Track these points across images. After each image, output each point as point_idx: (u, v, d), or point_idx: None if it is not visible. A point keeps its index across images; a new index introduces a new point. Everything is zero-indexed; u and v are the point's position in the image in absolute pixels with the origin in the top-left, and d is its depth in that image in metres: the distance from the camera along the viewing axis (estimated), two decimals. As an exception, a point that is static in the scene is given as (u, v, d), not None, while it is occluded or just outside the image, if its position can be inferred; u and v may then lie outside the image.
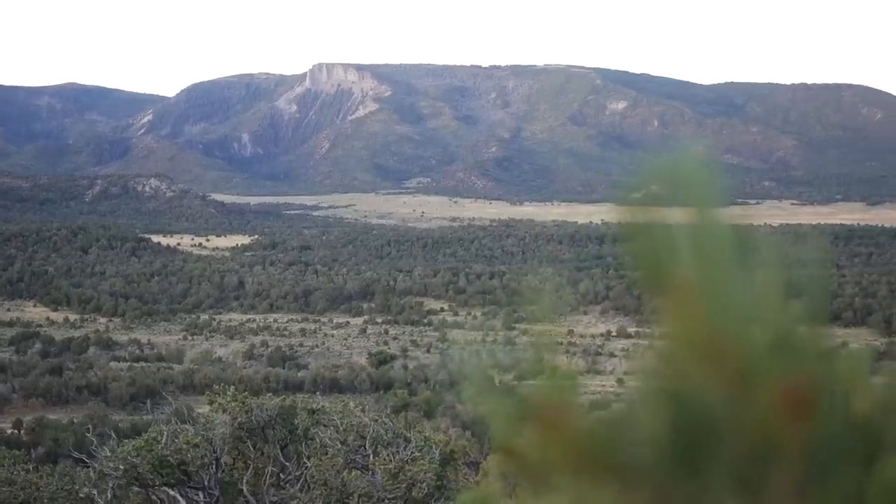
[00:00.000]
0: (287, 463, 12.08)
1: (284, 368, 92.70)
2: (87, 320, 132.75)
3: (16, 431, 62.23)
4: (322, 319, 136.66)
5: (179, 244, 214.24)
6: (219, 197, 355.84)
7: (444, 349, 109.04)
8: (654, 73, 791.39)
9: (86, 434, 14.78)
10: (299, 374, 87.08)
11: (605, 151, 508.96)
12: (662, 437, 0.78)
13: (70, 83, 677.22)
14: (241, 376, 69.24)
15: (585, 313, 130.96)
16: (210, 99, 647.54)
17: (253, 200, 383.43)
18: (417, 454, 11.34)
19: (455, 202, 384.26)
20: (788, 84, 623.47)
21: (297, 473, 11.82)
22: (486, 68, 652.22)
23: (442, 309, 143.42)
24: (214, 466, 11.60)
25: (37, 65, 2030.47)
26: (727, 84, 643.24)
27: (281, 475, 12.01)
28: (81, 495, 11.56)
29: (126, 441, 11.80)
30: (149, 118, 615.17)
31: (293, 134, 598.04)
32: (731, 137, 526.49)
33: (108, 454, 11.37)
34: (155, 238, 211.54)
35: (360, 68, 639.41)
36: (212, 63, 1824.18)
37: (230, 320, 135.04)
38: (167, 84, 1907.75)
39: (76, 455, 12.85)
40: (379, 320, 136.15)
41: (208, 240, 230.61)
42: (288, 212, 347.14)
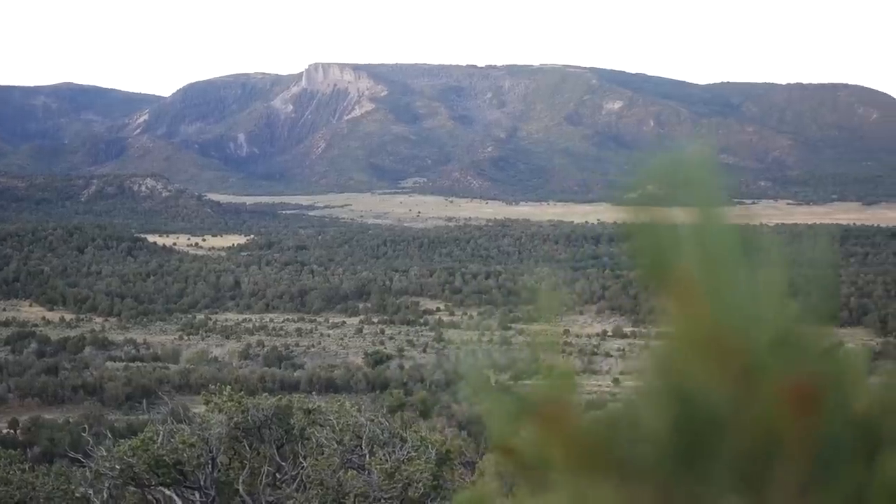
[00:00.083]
0: (283, 463, 12.08)
1: (280, 368, 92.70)
2: (83, 320, 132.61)
3: (12, 431, 62.18)
4: (318, 319, 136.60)
5: (175, 244, 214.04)
6: (215, 197, 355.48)
7: (441, 349, 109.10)
8: (650, 73, 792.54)
9: (82, 434, 14.76)
10: (295, 374, 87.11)
11: (601, 151, 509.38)
12: (665, 435, 0.78)
13: (66, 83, 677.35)
14: (237, 376, 69.28)
15: (581, 313, 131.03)
16: (206, 99, 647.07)
17: (249, 200, 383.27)
18: (413, 454, 11.34)
19: (451, 202, 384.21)
20: (784, 84, 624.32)
21: (294, 473, 11.82)
22: (482, 68, 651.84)
23: (438, 309, 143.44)
24: (210, 466, 11.60)
25: (33, 64, 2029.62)
26: (723, 84, 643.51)
27: (277, 475, 12.01)
28: (77, 495, 11.56)
29: (122, 441, 11.79)
30: (145, 118, 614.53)
31: (289, 134, 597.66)
32: (727, 137, 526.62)
33: (104, 454, 11.36)
34: (151, 238, 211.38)
35: (357, 68, 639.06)
36: (208, 63, 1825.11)
37: (226, 320, 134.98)
38: (163, 84, 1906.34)
39: (72, 455, 12.82)
40: (375, 320, 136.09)
41: (204, 239, 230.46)
42: (284, 212, 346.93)
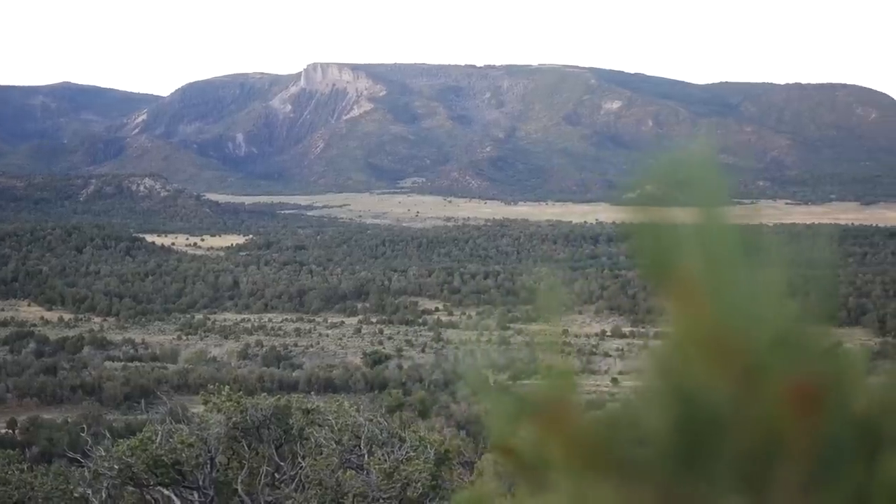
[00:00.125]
0: (282, 463, 12.08)
1: (279, 368, 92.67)
2: (82, 320, 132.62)
3: (10, 431, 62.17)
4: (317, 319, 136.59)
5: (174, 244, 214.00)
6: (213, 197, 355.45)
7: (439, 349, 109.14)
8: (649, 73, 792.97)
9: (80, 434, 14.76)
10: (294, 374, 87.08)
11: (600, 151, 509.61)
12: (666, 435, 0.78)
13: (64, 83, 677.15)
14: (236, 376, 69.28)
15: (580, 313, 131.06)
16: (204, 98, 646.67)
17: (247, 200, 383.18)
18: (412, 454, 11.34)
19: (449, 202, 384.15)
20: (783, 84, 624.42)
21: (292, 473, 11.82)
22: (481, 68, 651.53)
23: (437, 309, 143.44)
24: (209, 466, 11.59)
25: (31, 64, 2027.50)
26: (722, 84, 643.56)
27: (276, 475, 12.01)
28: (76, 495, 11.55)
29: (121, 441, 11.78)
30: (143, 118, 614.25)
31: (288, 134, 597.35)
32: (726, 137, 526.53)
33: (103, 454, 11.36)
34: (149, 238, 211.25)
35: (355, 68, 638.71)
36: (206, 62, 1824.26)
37: (225, 320, 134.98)
38: (161, 84, 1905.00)
39: (71, 455, 12.82)
40: (374, 320, 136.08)
41: (203, 239, 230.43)
42: (282, 211, 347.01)
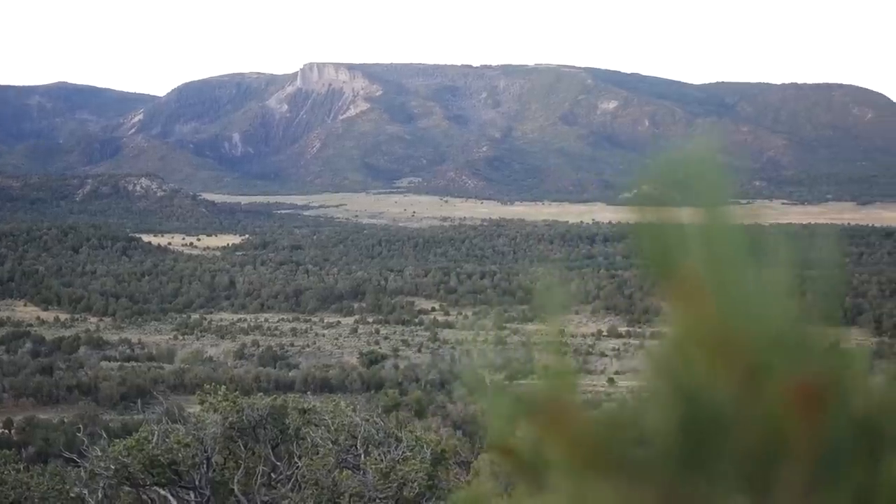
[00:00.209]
0: (278, 462, 12.08)
1: (275, 368, 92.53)
2: (78, 320, 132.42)
3: (6, 431, 62.06)
4: (313, 319, 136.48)
5: (170, 244, 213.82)
6: (209, 196, 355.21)
7: (436, 349, 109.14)
8: (645, 73, 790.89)
9: (76, 434, 14.74)
10: (290, 374, 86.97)
11: (596, 151, 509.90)
12: (669, 434, 0.78)
13: (61, 82, 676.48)
14: (232, 376, 69.11)
15: (576, 313, 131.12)
16: (201, 98, 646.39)
17: (244, 200, 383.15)
18: (408, 454, 11.35)
19: (446, 202, 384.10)
20: (779, 84, 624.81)
21: (289, 473, 11.81)
22: (477, 68, 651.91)
23: (433, 308, 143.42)
24: (205, 466, 11.59)
25: (27, 64, 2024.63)
26: (718, 84, 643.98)
27: (272, 475, 12.01)
28: (72, 495, 11.55)
29: (117, 441, 11.79)
30: (139, 118, 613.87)
31: (284, 133, 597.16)
32: (722, 137, 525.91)
33: (99, 454, 11.36)
34: (145, 237, 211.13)
35: (351, 68, 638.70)
36: (202, 62, 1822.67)
37: (221, 320, 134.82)
38: (158, 83, 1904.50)
39: (67, 455, 12.83)
40: (370, 320, 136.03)
41: (199, 239, 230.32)
42: (279, 211, 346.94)
